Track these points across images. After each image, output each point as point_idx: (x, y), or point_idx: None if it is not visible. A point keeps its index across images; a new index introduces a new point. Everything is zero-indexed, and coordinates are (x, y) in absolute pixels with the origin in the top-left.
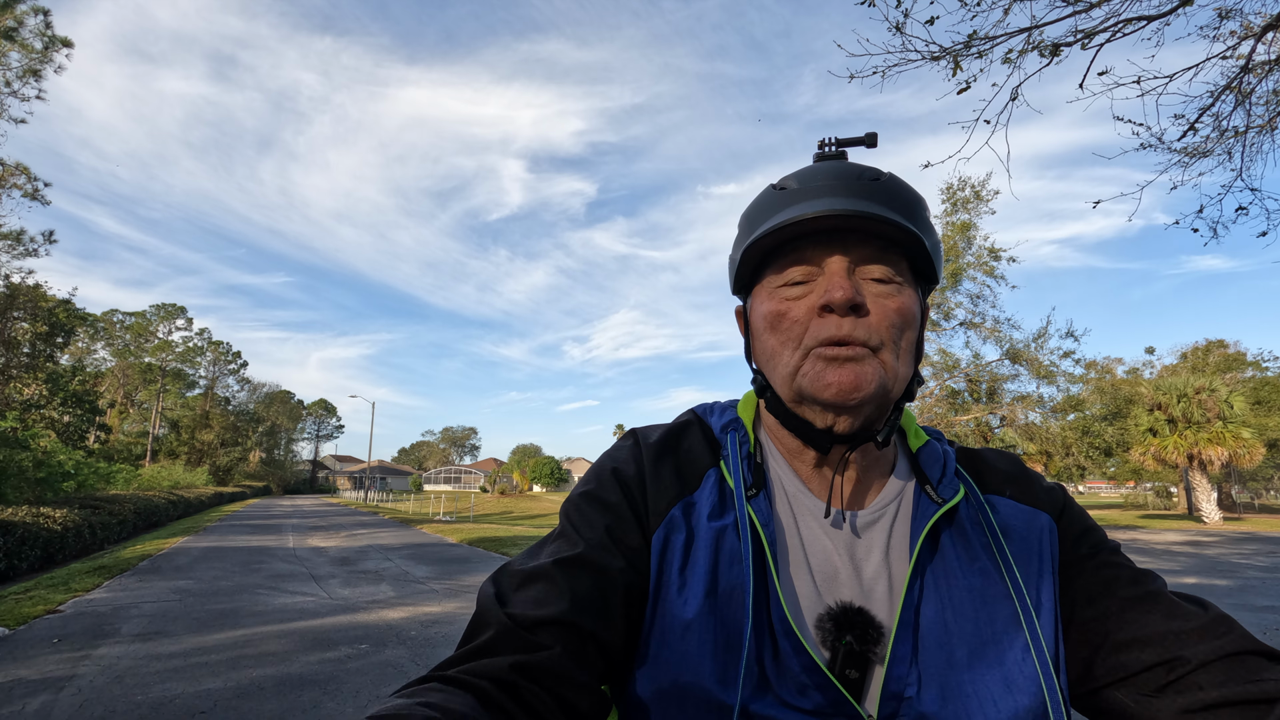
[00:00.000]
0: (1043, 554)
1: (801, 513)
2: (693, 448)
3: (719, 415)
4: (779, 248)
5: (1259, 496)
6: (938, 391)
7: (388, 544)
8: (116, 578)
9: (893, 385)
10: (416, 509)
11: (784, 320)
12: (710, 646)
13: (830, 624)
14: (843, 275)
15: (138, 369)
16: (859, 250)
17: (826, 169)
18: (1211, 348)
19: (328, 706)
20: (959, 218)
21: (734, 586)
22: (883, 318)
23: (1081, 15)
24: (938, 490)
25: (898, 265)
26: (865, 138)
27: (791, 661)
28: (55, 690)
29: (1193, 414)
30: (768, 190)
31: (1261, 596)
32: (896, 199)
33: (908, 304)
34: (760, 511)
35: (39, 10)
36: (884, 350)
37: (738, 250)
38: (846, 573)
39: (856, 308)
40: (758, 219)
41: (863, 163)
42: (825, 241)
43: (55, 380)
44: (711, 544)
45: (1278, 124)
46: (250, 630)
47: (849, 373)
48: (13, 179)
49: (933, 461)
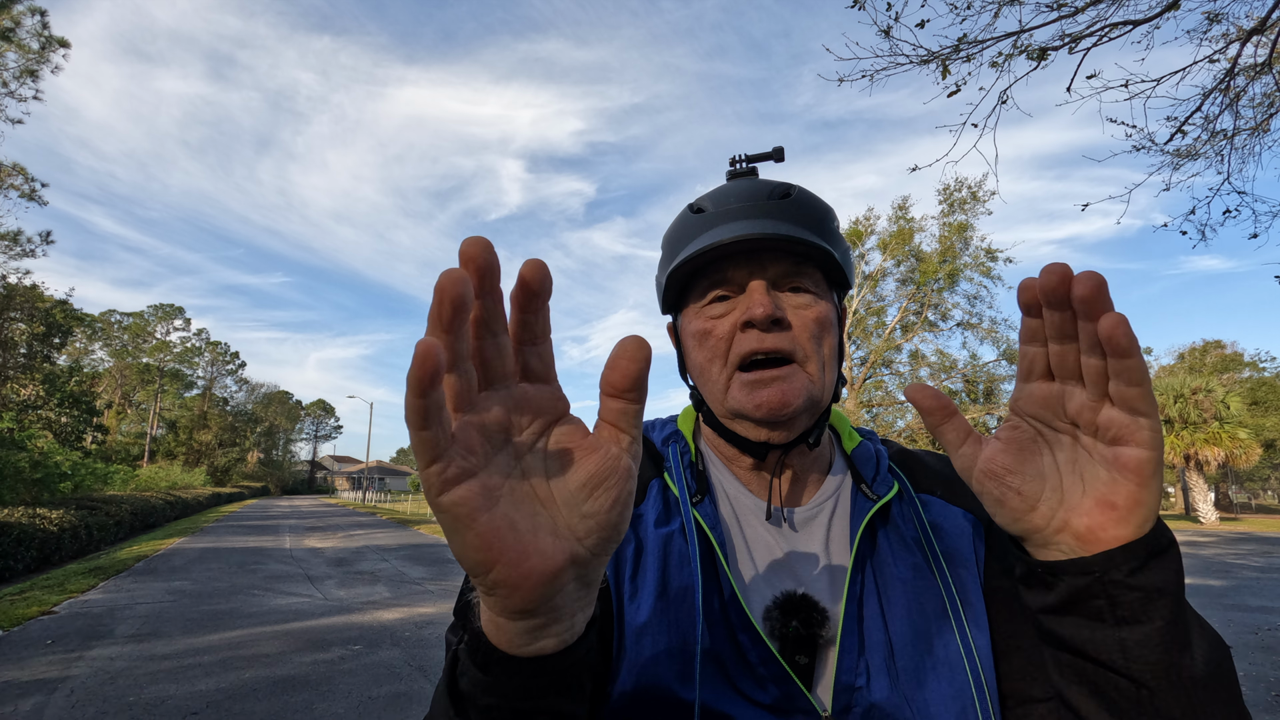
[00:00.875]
0: (967, 554)
1: (744, 513)
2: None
3: (659, 430)
4: (701, 270)
5: (1256, 497)
6: None
7: (384, 545)
8: (112, 579)
9: (820, 394)
10: (414, 509)
11: (710, 337)
12: (665, 648)
13: (777, 612)
14: (762, 293)
15: (135, 369)
16: (775, 266)
17: (738, 190)
18: (1209, 348)
19: (319, 707)
20: (956, 219)
21: (685, 587)
22: (802, 328)
23: (1068, 20)
24: (872, 487)
25: (812, 277)
26: (773, 153)
27: (751, 654)
28: (48, 691)
29: (1189, 414)
30: (685, 213)
31: (1255, 596)
32: (805, 215)
33: (824, 313)
34: (706, 515)
35: (36, 10)
36: (808, 361)
37: (662, 273)
38: (789, 566)
39: (777, 321)
40: (678, 243)
41: (773, 179)
42: (744, 261)
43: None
44: (660, 549)
45: (1268, 126)
46: (244, 631)
47: (776, 391)
48: (10, 179)
49: (866, 460)
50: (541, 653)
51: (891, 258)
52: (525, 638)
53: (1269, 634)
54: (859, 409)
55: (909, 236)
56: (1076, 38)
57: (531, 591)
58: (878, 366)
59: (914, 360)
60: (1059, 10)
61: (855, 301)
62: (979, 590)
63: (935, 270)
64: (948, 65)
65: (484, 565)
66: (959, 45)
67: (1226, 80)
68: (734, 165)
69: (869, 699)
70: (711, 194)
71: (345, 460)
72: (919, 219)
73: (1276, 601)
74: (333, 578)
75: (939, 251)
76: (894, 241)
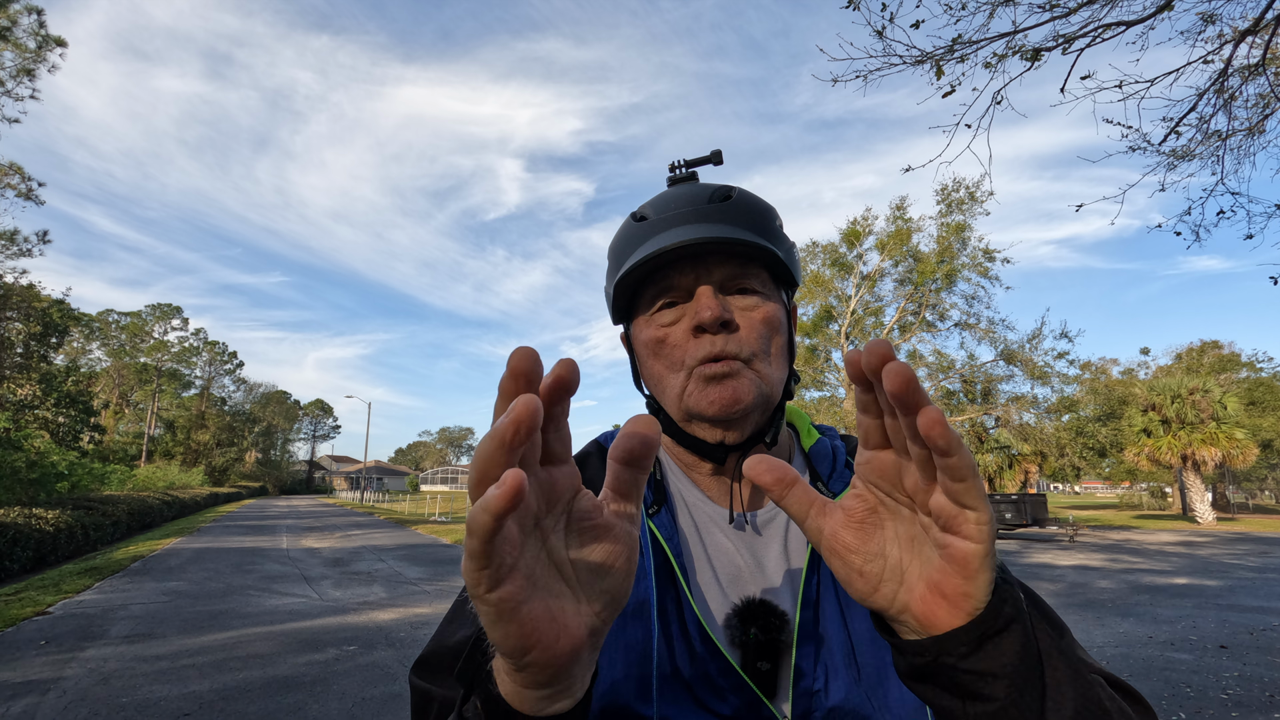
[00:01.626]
0: None
1: (703, 521)
2: (593, 477)
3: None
4: (648, 278)
5: (1253, 497)
6: (933, 392)
7: (382, 545)
8: (107, 579)
9: (770, 391)
10: (412, 510)
11: (664, 346)
12: (622, 664)
13: (736, 620)
14: (709, 296)
15: (133, 369)
16: (721, 270)
17: (679, 195)
18: (1206, 348)
19: (313, 709)
20: (953, 219)
21: (641, 602)
22: (751, 329)
23: (1061, 20)
24: (828, 484)
25: (758, 277)
26: (711, 156)
27: (709, 666)
28: (41, 693)
29: (1187, 415)
30: (628, 222)
31: (1252, 597)
32: (747, 216)
33: (772, 312)
34: (663, 526)
35: (32, 9)
36: (756, 360)
37: (610, 284)
38: (750, 570)
39: (726, 324)
40: (623, 252)
41: (711, 182)
42: (689, 267)
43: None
44: None
45: (1262, 127)
46: (239, 632)
47: (728, 389)
48: (6, 179)
49: (823, 457)
50: (559, 713)
51: (889, 258)
52: (544, 702)
53: (1264, 634)
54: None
55: (907, 237)
56: (1070, 38)
57: (560, 668)
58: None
59: (912, 360)
60: (1052, 11)
61: (853, 302)
62: None
63: (933, 271)
64: (941, 66)
65: (522, 650)
66: (953, 46)
67: (1221, 81)
68: (673, 170)
69: (827, 702)
70: (652, 201)
71: (343, 460)
72: (917, 219)
73: (1273, 602)
74: (329, 578)
75: (936, 252)
76: (892, 242)
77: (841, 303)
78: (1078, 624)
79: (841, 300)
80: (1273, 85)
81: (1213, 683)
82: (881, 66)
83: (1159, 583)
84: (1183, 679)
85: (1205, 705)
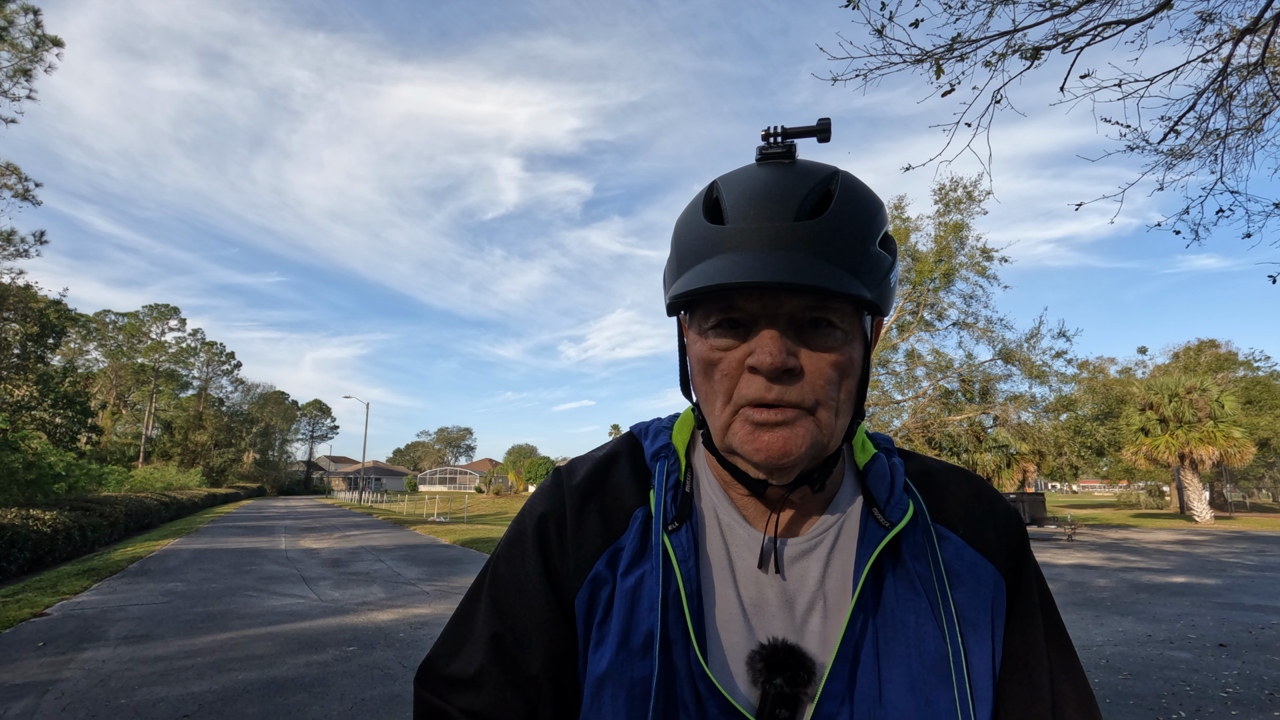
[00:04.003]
0: (984, 610)
1: (735, 543)
2: (621, 484)
3: (651, 439)
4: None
5: (1250, 495)
6: (931, 392)
7: (380, 545)
8: (105, 580)
9: (828, 441)
10: (411, 510)
11: (715, 370)
12: (624, 702)
13: (761, 664)
14: (773, 340)
15: (130, 370)
16: (793, 301)
17: (764, 196)
18: (1203, 347)
19: (313, 709)
20: (951, 218)
21: (648, 632)
22: (818, 374)
23: (1060, 19)
24: (885, 512)
25: (839, 311)
26: (818, 128)
27: (709, 705)
28: (39, 694)
29: (1184, 413)
30: (699, 215)
31: (1249, 595)
32: (840, 242)
33: (846, 356)
34: (679, 546)
35: (29, 9)
36: (820, 409)
37: (667, 279)
38: (777, 605)
39: (788, 371)
40: (686, 255)
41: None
42: (758, 294)
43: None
44: (630, 591)
45: (1261, 126)
46: (238, 633)
47: (779, 438)
48: (3, 179)
49: (880, 479)
50: None
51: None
52: None
53: (1262, 632)
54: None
55: (905, 236)
56: (1070, 37)
57: None
58: (874, 366)
59: (910, 360)
60: (1052, 10)
61: None
62: (988, 659)
63: (931, 270)
64: (941, 65)
65: None
66: (952, 45)
67: (1219, 80)
68: (766, 140)
69: None
70: (734, 187)
71: (341, 460)
72: (915, 218)
73: (1270, 600)
74: (328, 579)
75: (935, 251)
76: None
77: None
78: (1076, 623)
79: None
80: (1271, 84)
81: (1212, 681)
82: (881, 65)
83: (1157, 581)
84: (1182, 677)
85: (1205, 703)
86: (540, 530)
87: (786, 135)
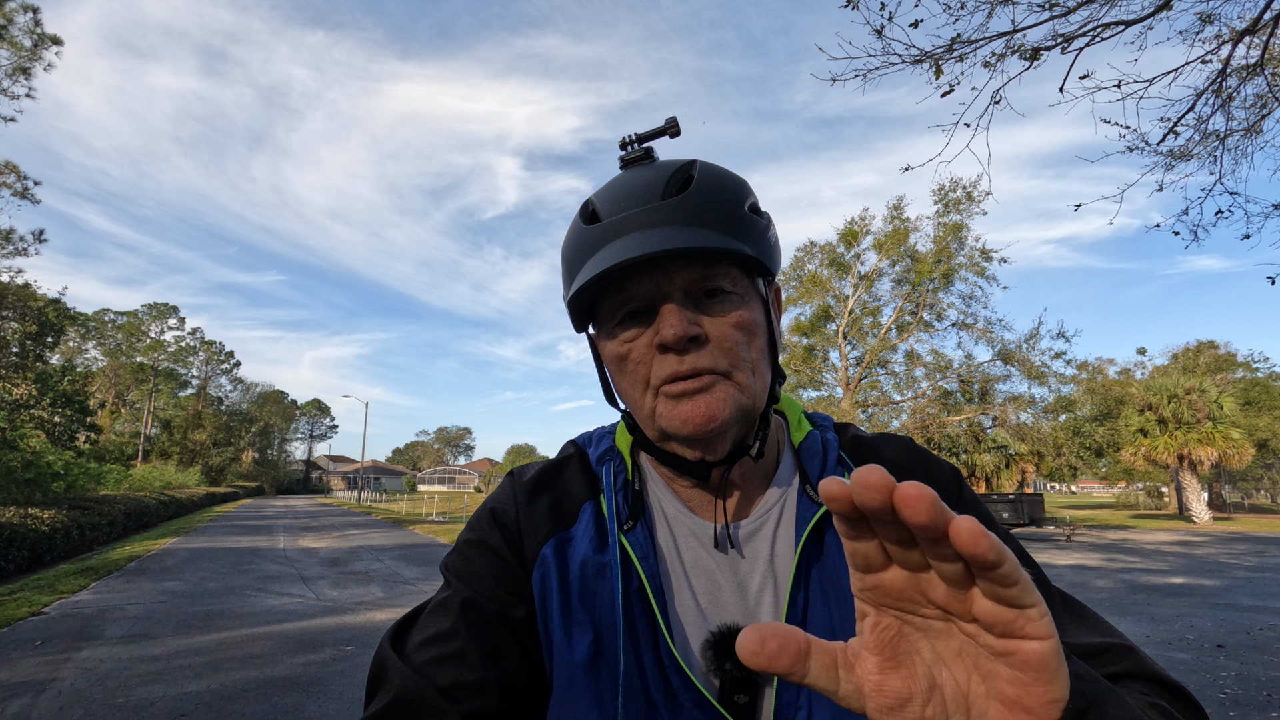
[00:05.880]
0: None
1: (683, 535)
2: (570, 480)
3: (595, 445)
4: (605, 289)
5: (1249, 496)
6: (930, 392)
7: (379, 545)
8: (104, 579)
9: (751, 402)
10: (410, 509)
11: (627, 362)
12: (596, 692)
13: (710, 651)
14: (672, 313)
15: (129, 368)
16: (684, 274)
17: (631, 187)
18: (1202, 348)
19: (310, 709)
20: (951, 219)
21: (612, 625)
22: (724, 337)
23: (1060, 20)
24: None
25: (728, 275)
26: (666, 127)
27: (683, 698)
28: (35, 693)
29: (1183, 414)
30: (577, 222)
31: (1247, 596)
32: (708, 209)
33: (746, 316)
34: (638, 545)
35: (28, 8)
36: (735, 371)
37: (566, 294)
38: (730, 591)
39: (694, 339)
40: (575, 260)
41: (671, 160)
42: (648, 275)
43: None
44: (590, 582)
45: (1260, 127)
46: (236, 632)
47: (700, 404)
48: (2, 177)
49: (813, 454)
50: None
51: (887, 258)
52: None
53: (1260, 633)
54: (854, 409)
55: (904, 237)
56: (1069, 38)
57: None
58: (873, 366)
59: (909, 360)
60: (1051, 10)
61: (851, 301)
62: None
63: (930, 270)
64: (940, 65)
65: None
66: (952, 45)
67: (1219, 81)
68: (624, 148)
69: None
70: (604, 192)
71: (340, 460)
72: (914, 219)
73: (1269, 601)
74: (326, 578)
75: (934, 252)
76: (889, 242)
77: (839, 302)
78: None
79: (839, 300)
80: (1270, 85)
81: (1210, 682)
82: (881, 66)
83: (1156, 582)
84: (1180, 678)
85: (1203, 704)
86: (495, 518)
87: (641, 140)
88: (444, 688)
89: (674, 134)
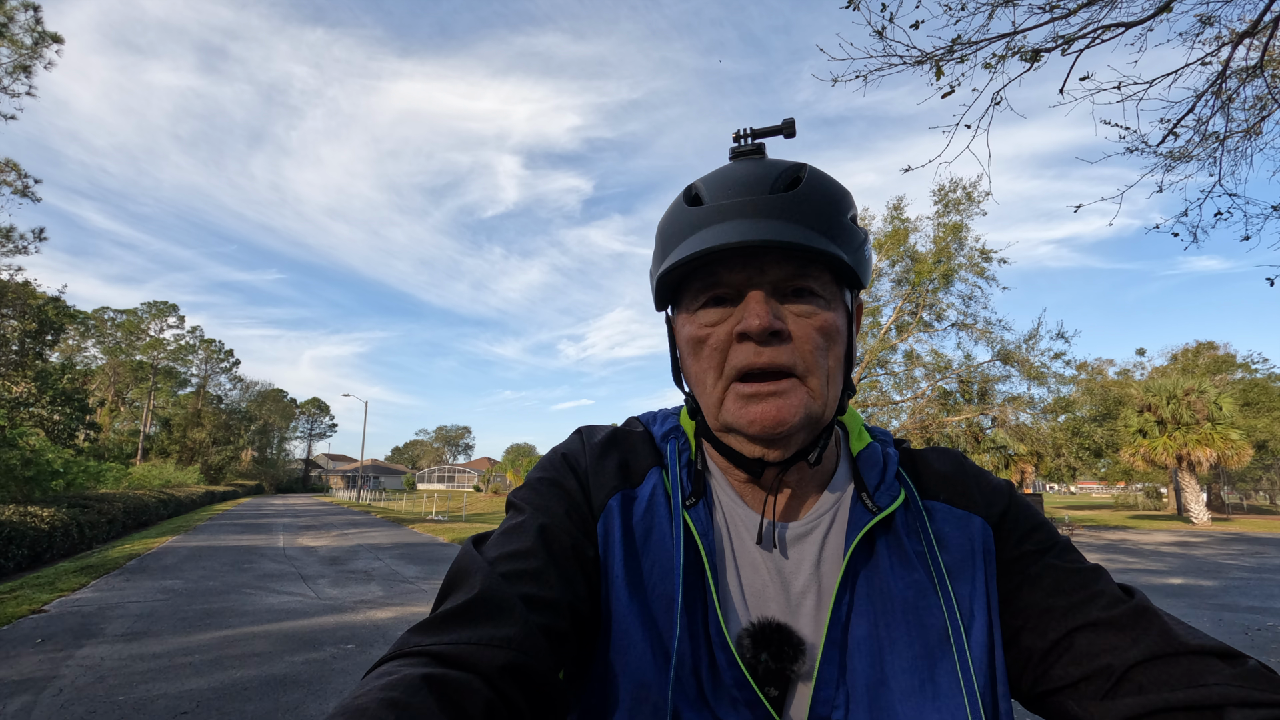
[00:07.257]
0: (976, 562)
1: (735, 524)
2: (638, 446)
3: (660, 423)
4: (694, 270)
5: (1248, 497)
6: (930, 392)
7: (378, 543)
8: (103, 577)
9: (821, 411)
10: (409, 508)
11: (704, 347)
12: (650, 652)
13: (748, 640)
14: (759, 302)
15: (129, 367)
16: (777, 270)
17: (739, 177)
18: (1201, 349)
19: (311, 707)
20: (951, 219)
21: (668, 595)
22: (805, 338)
23: (1060, 21)
24: (875, 497)
25: (819, 279)
26: (783, 127)
27: (725, 675)
28: (36, 691)
29: (1182, 415)
30: (679, 203)
31: (1246, 597)
32: (813, 210)
33: (831, 321)
34: (699, 521)
35: (29, 5)
36: (810, 376)
37: (654, 270)
38: (774, 588)
39: (776, 334)
40: (671, 238)
41: (780, 159)
42: (741, 265)
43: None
44: (651, 547)
45: (1259, 129)
46: (236, 630)
47: (772, 407)
48: (2, 175)
49: (872, 465)
50: None
51: (886, 258)
52: None
53: (1259, 634)
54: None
55: (904, 237)
56: (1069, 39)
57: None
58: (873, 367)
59: (909, 360)
60: (1052, 12)
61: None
62: (984, 601)
63: (930, 271)
64: (941, 66)
65: None
66: (953, 46)
67: (1218, 83)
68: (737, 141)
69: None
70: (711, 178)
71: (340, 459)
72: (914, 219)
73: (1267, 602)
74: (326, 576)
75: (934, 252)
76: (889, 242)
77: None
78: None
79: None
80: (1270, 87)
81: None
82: (881, 66)
83: (1154, 583)
84: None
85: None
86: (568, 461)
87: (755, 135)
88: (525, 596)
89: (789, 135)
